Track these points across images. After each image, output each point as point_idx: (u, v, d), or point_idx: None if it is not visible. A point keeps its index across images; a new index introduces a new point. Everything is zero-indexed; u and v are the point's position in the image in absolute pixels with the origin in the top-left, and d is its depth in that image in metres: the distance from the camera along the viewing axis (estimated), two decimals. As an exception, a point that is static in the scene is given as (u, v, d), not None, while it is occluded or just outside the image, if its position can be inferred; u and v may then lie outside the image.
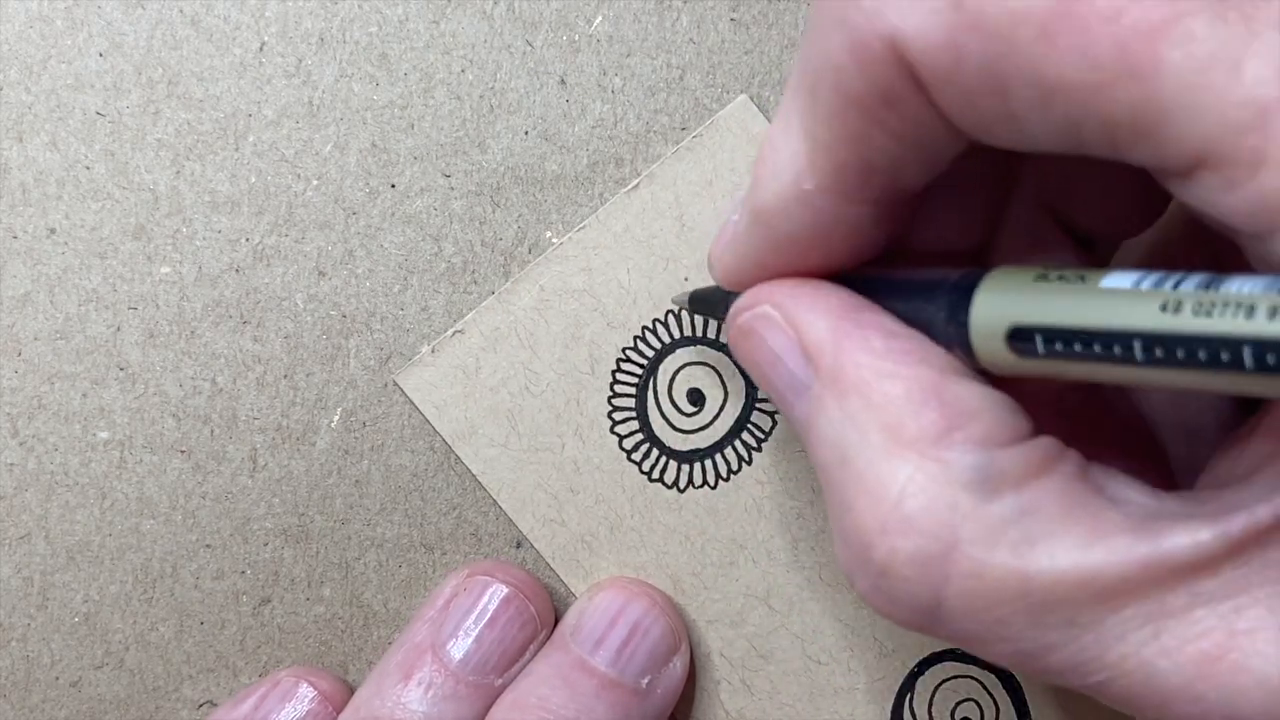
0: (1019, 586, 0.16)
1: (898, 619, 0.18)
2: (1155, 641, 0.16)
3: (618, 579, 0.26)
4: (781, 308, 0.20)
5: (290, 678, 0.26)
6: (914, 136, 0.17)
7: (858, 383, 0.18)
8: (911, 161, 0.18)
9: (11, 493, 0.26)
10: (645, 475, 0.27)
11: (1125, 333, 0.15)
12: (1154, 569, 0.16)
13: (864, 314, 0.19)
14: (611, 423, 0.27)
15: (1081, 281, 0.16)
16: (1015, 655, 0.17)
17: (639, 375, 0.27)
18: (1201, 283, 0.15)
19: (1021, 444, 0.17)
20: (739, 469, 0.27)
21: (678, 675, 0.26)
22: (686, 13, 0.27)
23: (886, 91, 0.16)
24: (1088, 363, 0.16)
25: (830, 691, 0.27)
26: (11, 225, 0.26)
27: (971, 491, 0.17)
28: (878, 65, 0.16)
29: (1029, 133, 0.16)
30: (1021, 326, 0.17)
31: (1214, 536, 0.16)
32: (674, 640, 0.26)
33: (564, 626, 0.26)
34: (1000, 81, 0.15)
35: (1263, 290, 0.14)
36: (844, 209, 0.18)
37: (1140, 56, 0.14)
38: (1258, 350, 0.14)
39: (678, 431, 0.27)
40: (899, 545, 0.17)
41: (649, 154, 0.27)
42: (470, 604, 0.25)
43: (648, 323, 0.26)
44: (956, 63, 0.15)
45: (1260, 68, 0.14)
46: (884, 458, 0.17)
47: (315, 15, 0.26)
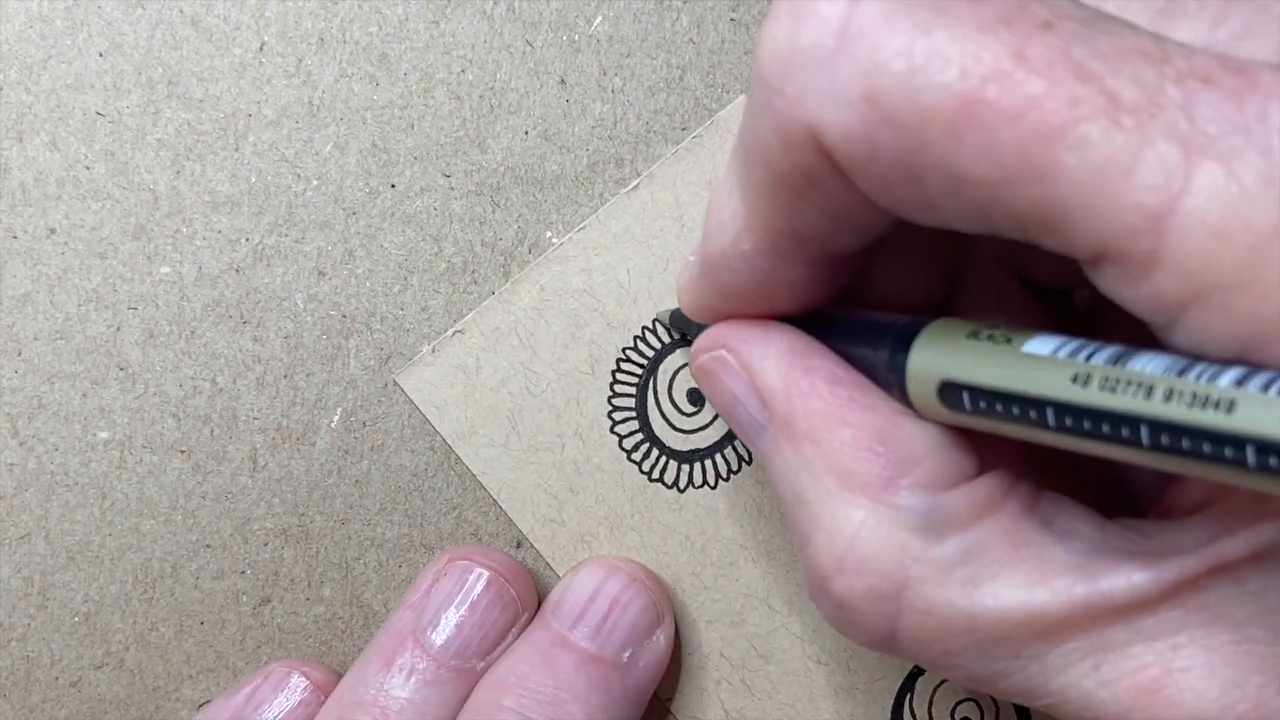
0: (966, 623, 0.18)
1: (858, 642, 0.20)
2: (1095, 674, 0.17)
3: (601, 557, 0.27)
4: (735, 353, 0.21)
5: (282, 669, 0.26)
6: (841, 212, 0.18)
7: (808, 430, 0.19)
8: (843, 232, 0.18)
9: (11, 493, 0.26)
10: (645, 475, 0.27)
11: (1039, 399, 0.16)
12: (1093, 609, 0.17)
13: (813, 359, 0.20)
14: (611, 423, 0.27)
15: (1008, 344, 0.17)
16: (969, 680, 0.18)
17: (639, 375, 0.27)
18: (1111, 357, 0.15)
19: (967, 485, 0.18)
20: (739, 469, 0.27)
21: (661, 649, 0.26)
22: (686, 13, 0.27)
23: (809, 173, 0.17)
24: (1009, 423, 0.17)
25: (830, 691, 0.27)
26: (11, 225, 0.26)
27: (919, 534, 0.18)
28: (799, 150, 0.17)
29: (945, 216, 0.16)
30: (950, 382, 0.17)
31: (1148, 580, 0.17)
32: (656, 614, 0.26)
33: (546, 605, 0.26)
34: (913, 171, 0.16)
35: (1162, 372, 0.15)
36: (781, 268, 0.19)
37: (1039, 158, 0.15)
38: (1152, 430, 0.15)
39: (678, 431, 0.27)
40: (854, 583, 0.18)
41: (649, 154, 0.27)
42: (450, 589, 0.26)
43: (648, 323, 0.26)
44: (871, 153, 0.16)
45: (1151, 174, 0.14)
46: (837, 501, 0.19)
47: (315, 15, 0.26)
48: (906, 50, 0.15)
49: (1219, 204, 0.14)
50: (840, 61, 0.16)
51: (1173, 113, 0.14)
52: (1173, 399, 0.14)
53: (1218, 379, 0.14)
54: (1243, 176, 0.14)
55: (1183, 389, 0.14)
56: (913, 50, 0.15)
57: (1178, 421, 0.14)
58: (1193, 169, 0.14)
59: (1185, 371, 0.14)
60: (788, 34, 0.16)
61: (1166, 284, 0.14)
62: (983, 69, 0.15)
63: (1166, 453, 0.15)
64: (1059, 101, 0.14)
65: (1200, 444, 0.14)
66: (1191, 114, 0.14)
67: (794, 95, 0.16)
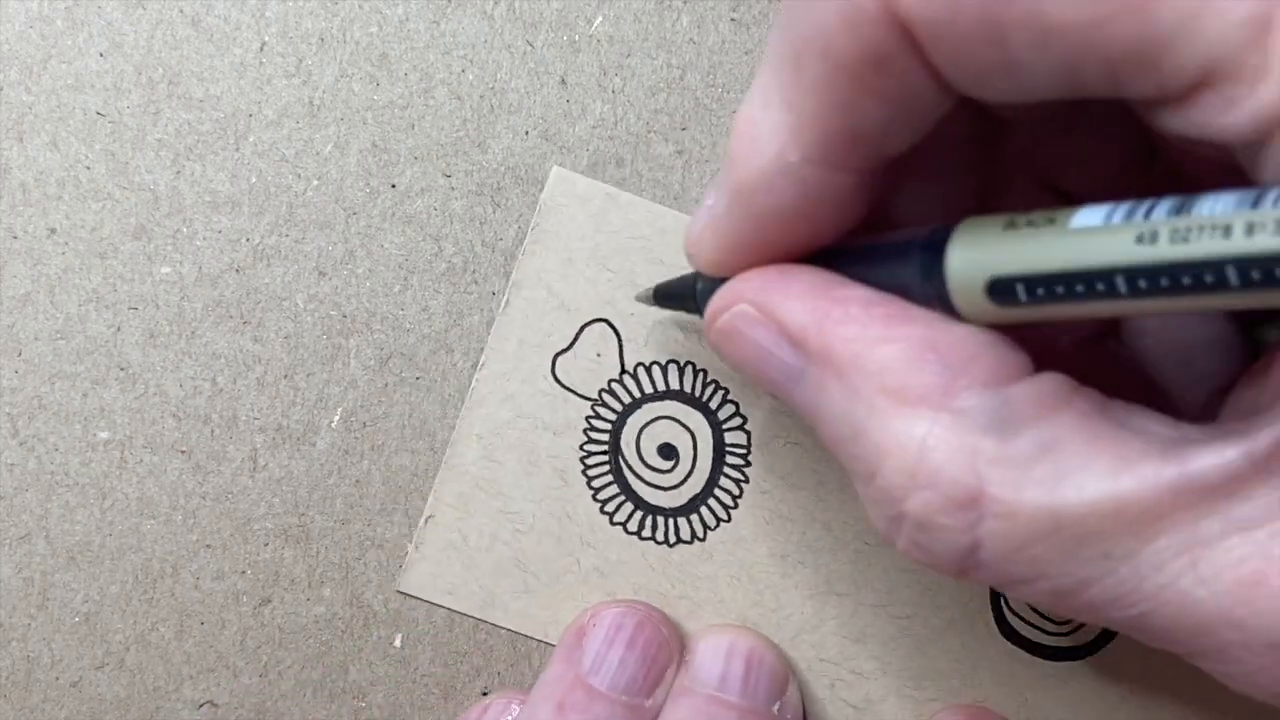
0: (1051, 521, 0.16)
1: (940, 568, 0.18)
2: (1192, 570, 0.16)
3: (711, 626, 0.26)
4: (756, 302, 0.20)
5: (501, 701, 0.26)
6: (903, 99, 0.17)
7: (851, 356, 0.18)
8: (899, 125, 0.17)
9: (12, 493, 0.26)
10: (665, 544, 0.27)
11: (1106, 269, 0.15)
12: (1184, 493, 0.16)
13: (839, 289, 0.19)
14: (608, 517, 0.27)
15: (1051, 224, 0.16)
16: (1054, 593, 0.17)
17: (607, 462, 0.27)
18: (1173, 208, 0.15)
19: (1030, 379, 0.17)
20: (740, 493, 0.27)
21: (797, 701, 0.26)
22: (686, 13, 0.27)
23: (879, 53, 0.16)
24: (1073, 303, 0.16)
25: (930, 636, 0.27)
26: (11, 225, 0.26)
27: (990, 434, 0.17)
28: (870, 27, 0.16)
29: (1027, 81, 0.16)
30: (1000, 278, 0.16)
31: (1240, 454, 0.15)
32: (785, 668, 0.26)
33: (679, 680, 0.25)
34: (998, 29, 0.15)
35: (1234, 208, 0.14)
36: (830, 178, 0.18)
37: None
38: (1240, 269, 0.14)
39: (666, 490, 0.27)
40: (929, 498, 0.17)
41: (649, 154, 0.27)
42: (605, 634, 0.25)
43: (588, 411, 0.26)
44: (953, 15, 0.15)
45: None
46: (897, 419, 0.17)
47: (315, 15, 0.26)
48: None
49: None
50: None
51: None
52: (1255, 231, 0.14)
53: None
54: None
55: (1263, 219, 0.14)
56: None
57: (1268, 252, 0.14)
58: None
59: (1259, 201, 0.14)
60: None
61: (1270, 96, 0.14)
62: None
63: (1261, 288, 0.14)
64: None
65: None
66: None
67: None
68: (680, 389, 0.27)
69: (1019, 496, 0.16)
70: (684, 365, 0.26)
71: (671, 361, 0.26)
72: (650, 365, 0.26)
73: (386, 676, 0.27)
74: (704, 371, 0.26)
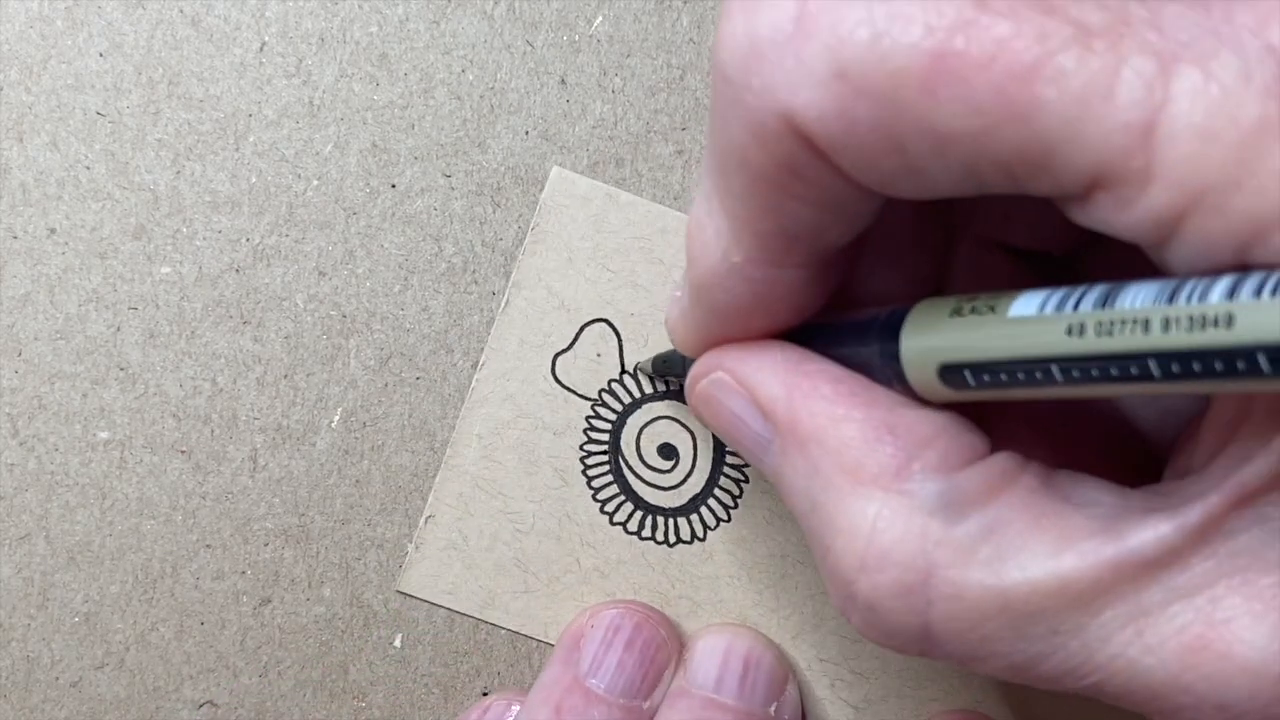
0: (998, 602, 0.17)
1: (893, 647, 0.19)
2: (1139, 640, 0.16)
3: (712, 625, 0.26)
4: (733, 371, 0.20)
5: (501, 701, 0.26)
6: (827, 200, 0.17)
7: (814, 431, 0.19)
8: (831, 223, 0.18)
9: (12, 493, 0.26)
10: (665, 544, 0.27)
11: (1041, 359, 0.16)
12: (1124, 568, 0.16)
13: (809, 364, 0.20)
14: (608, 517, 0.27)
15: (992, 312, 0.17)
16: (1008, 669, 0.18)
17: (607, 462, 0.27)
18: (1099, 299, 0.15)
19: (979, 463, 0.18)
20: (740, 492, 0.27)
21: (796, 700, 0.26)
22: (686, 13, 0.27)
23: (790, 164, 0.17)
24: (1017, 388, 0.16)
25: None
26: (11, 225, 0.26)
27: (938, 517, 0.17)
28: (776, 142, 0.16)
29: (931, 182, 0.16)
30: (948, 364, 0.17)
31: (1174, 528, 0.16)
32: (784, 668, 0.26)
33: (676, 681, 0.26)
34: (894, 140, 0.16)
35: (1153, 301, 0.15)
36: (776, 275, 0.19)
37: (1019, 98, 0.14)
38: (1160, 362, 0.14)
39: (666, 490, 0.27)
40: (878, 580, 0.18)
41: (649, 154, 0.27)
42: (603, 635, 0.25)
43: (588, 411, 0.26)
44: (850, 129, 0.16)
45: (1132, 91, 0.14)
46: (850, 498, 0.18)
47: (315, 15, 0.26)
48: (868, 17, 0.15)
49: (1202, 105, 0.14)
50: (803, 42, 0.16)
51: (1141, 29, 0.14)
52: (1171, 327, 0.14)
53: (1209, 295, 0.14)
54: (1220, 76, 0.14)
55: (1178, 315, 0.14)
56: (874, 16, 0.15)
57: (1182, 349, 0.14)
58: (1170, 77, 0.14)
59: (1175, 295, 0.14)
60: (745, 26, 0.16)
61: (1161, 198, 0.14)
62: (947, 21, 0.15)
63: (1181, 379, 0.14)
64: (1028, 38, 0.14)
65: (1211, 363, 0.14)
66: (1160, 26, 0.14)
67: (761, 86, 0.16)
68: (680, 389, 0.27)
69: (965, 577, 0.17)
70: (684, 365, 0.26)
71: (641, 366, 0.26)
72: None
73: (386, 676, 0.27)
74: None
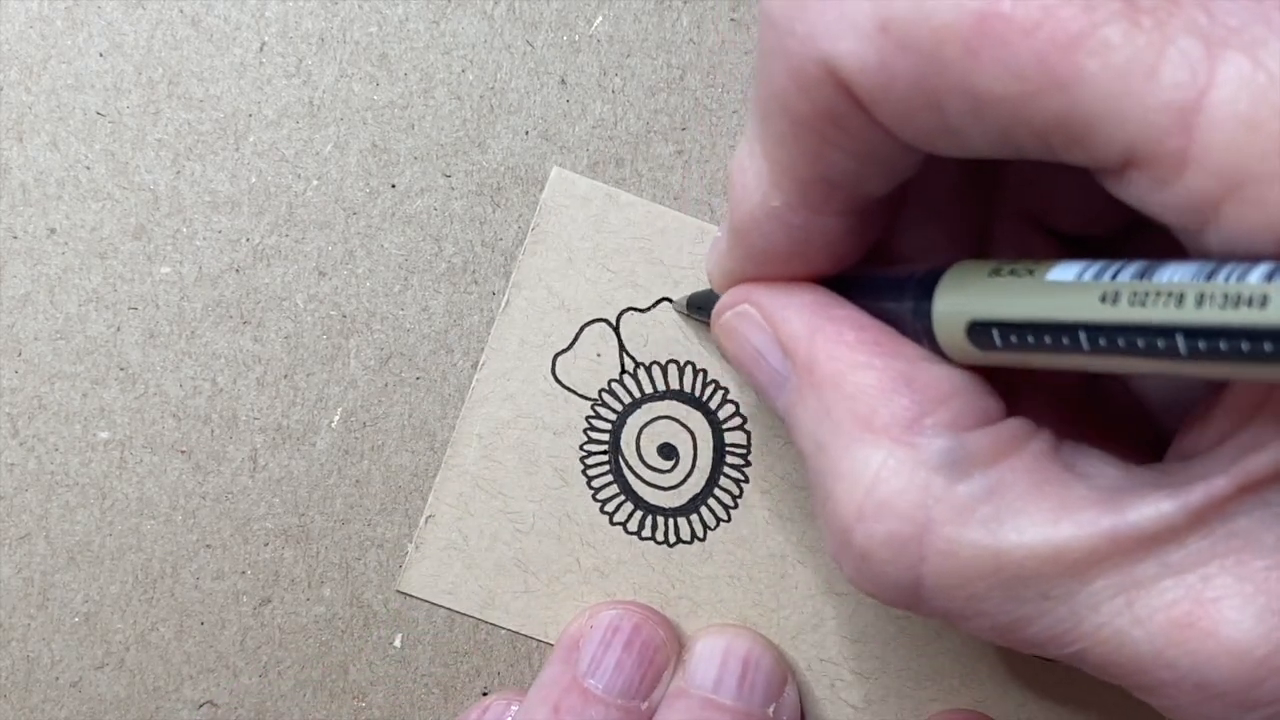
0: (992, 562, 0.17)
1: (882, 599, 0.19)
2: (1128, 611, 0.16)
3: (711, 625, 0.26)
4: (759, 306, 0.20)
5: (501, 701, 0.26)
6: (866, 151, 0.17)
7: (832, 374, 0.19)
8: (870, 173, 0.18)
9: (12, 493, 0.26)
10: (665, 544, 0.27)
11: (1070, 324, 0.16)
12: (1120, 540, 0.16)
13: (837, 309, 0.20)
14: (608, 517, 0.27)
15: (1030, 275, 0.17)
16: (994, 629, 0.18)
17: (607, 462, 0.27)
18: (1137, 272, 0.15)
19: (991, 426, 0.18)
20: (740, 492, 0.27)
21: (795, 701, 0.26)
22: (686, 13, 0.27)
23: (830, 112, 0.17)
24: (1043, 353, 0.16)
25: (929, 635, 0.26)
26: (11, 225, 0.26)
27: (942, 473, 0.17)
28: (817, 89, 0.16)
29: (968, 142, 0.16)
30: (978, 321, 0.17)
31: (1175, 507, 0.16)
32: (783, 669, 0.26)
33: (675, 682, 0.26)
34: (933, 97, 0.16)
35: (1191, 278, 0.14)
36: (814, 221, 0.19)
37: (1060, 67, 0.14)
38: (1188, 337, 0.14)
39: (666, 490, 0.27)
40: (875, 530, 0.18)
41: (649, 154, 0.27)
42: (602, 635, 0.25)
43: (588, 411, 0.26)
44: (889, 82, 0.16)
45: (1176, 71, 0.14)
46: (858, 445, 0.18)
47: (315, 15, 0.26)
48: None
49: (1247, 93, 0.14)
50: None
51: (1191, 9, 0.14)
52: (1205, 303, 0.14)
53: (1247, 276, 0.14)
54: (1268, 64, 0.14)
55: (1213, 291, 0.14)
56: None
57: (1213, 324, 0.14)
58: (1217, 61, 0.14)
59: (1214, 274, 0.14)
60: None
61: (1198, 182, 0.14)
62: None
63: (1206, 358, 0.14)
64: (1075, 8, 0.14)
65: (1238, 344, 0.14)
66: (1210, 9, 0.14)
67: (805, 33, 0.16)
68: (680, 389, 0.27)
69: (961, 536, 0.17)
70: (684, 365, 0.26)
71: (671, 361, 0.26)
72: (650, 365, 0.26)
73: (386, 676, 0.27)
74: (704, 371, 0.26)
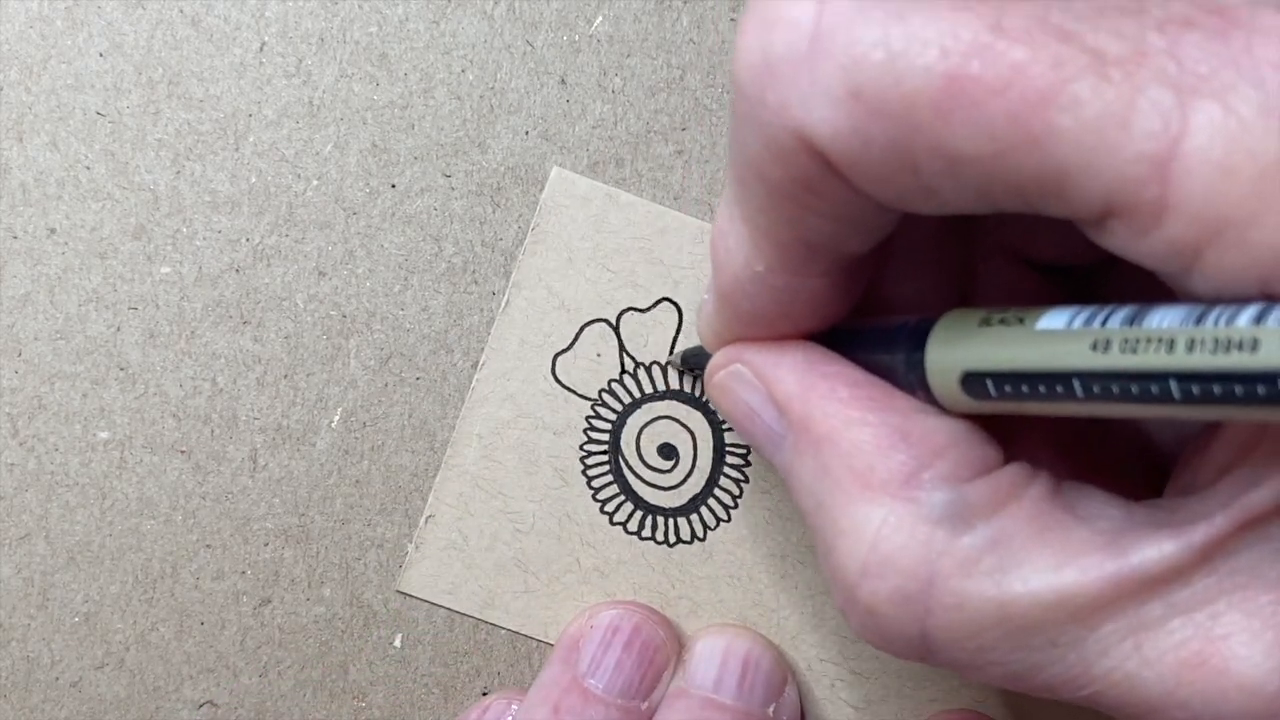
0: (998, 613, 0.17)
1: (890, 652, 0.19)
2: (1137, 654, 0.16)
3: (712, 625, 0.26)
4: (751, 365, 0.21)
5: (501, 701, 0.26)
6: (844, 214, 0.17)
7: (827, 432, 0.19)
8: (850, 234, 0.18)
9: (11, 493, 0.26)
10: (665, 544, 0.27)
11: (1063, 373, 0.16)
12: (1125, 584, 0.16)
13: (829, 366, 0.20)
14: (608, 517, 0.27)
15: (1020, 324, 0.17)
16: (1004, 678, 0.18)
17: (607, 462, 0.27)
18: (1126, 318, 0.15)
19: (989, 475, 0.18)
20: (740, 492, 0.27)
21: (795, 701, 0.26)
22: (686, 13, 0.27)
23: (806, 179, 0.17)
24: (1038, 401, 0.17)
25: None
26: (11, 225, 0.26)
27: (944, 527, 0.17)
28: (792, 157, 0.16)
29: (946, 201, 0.16)
30: (972, 372, 0.17)
31: (1178, 547, 0.16)
32: (783, 669, 0.26)
33: (675, 682, 0.26)
34: (908, 160, 0.16)
35: (1180, 323, 0.15)
36: (798, 283, 0.19)
37: (1032, 125, 0.14)
38: (1181, 382, 0.14)
39: (666, 490, 0.27)
40: (879, 586, 0.18)
41: (649, 154, 0.27)
42: (601, 636, 0.25)
43: (588, 411, 0.26)
44: (864, 148, 0.16)
45: (1148, 122, 0.14)
46: (858, 502, 0.18)
47: (315, 15, 0.26)
48: (883, 39, 0.15)
49: (1220, 139, 0.14)
50: (818, 61, 0.16)
51: (1159, 59, 0.14)
52: (1195, 348, 0.14)
53: (1236, 319, 0.14)
54: (1239, 109, 0.14)
55: (1203, 336, 0.14)
56: (889, 37, 0.15)
57: (1204, 370, 0.14)
58: (1189, 109, 0.14)
59: (1203, 318, 0.14)
60: (760, 43, 0.16)
61: (1178, 230, 0.14)
62: (962, 45, 0.15)
63: (1199, 403, 0.14)
64: (1044, 65, 0.14)
65: (1231, 388, 0.14)
66: (1178, 57, 0.14)
67: (777, 103, 0.16)
68: (680, 389, 0.27)
69: (966, 588, 0.17)
70: None
71: (671, 361, 0.26)
72: (650, 365, 0.26)
73: (386, 676, 0.27)
74: None
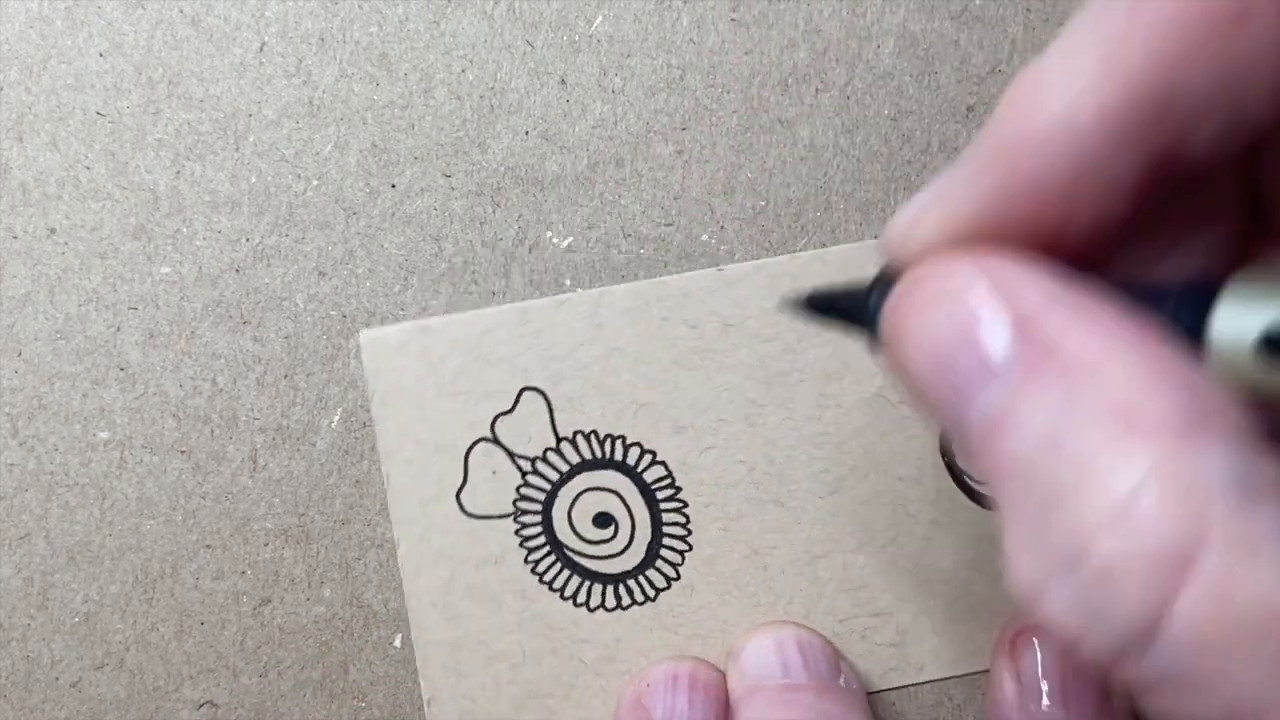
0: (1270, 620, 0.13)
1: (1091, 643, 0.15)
2: None
3: (744, 632, 0.27)
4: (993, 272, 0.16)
5: None
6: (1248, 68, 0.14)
7: (1084, 358, 0.15)
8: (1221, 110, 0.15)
9: (11, 493, 0.26)
10: (649, 602, 0.27)
11: None
12: None
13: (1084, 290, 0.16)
14: (584, 607, 0.27)
15: None
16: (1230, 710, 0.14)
17: (554, 559, 0.26)
18: None
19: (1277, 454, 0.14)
20: (687, 519, 0.27)
21: (850, 670, 0.26)
22: (686, 13, 0.27)
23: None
24: None
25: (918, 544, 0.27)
26: (11, 225, 0.26)
27: (1228, 496, 0.14)
28: None
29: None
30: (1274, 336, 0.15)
31: None
32: (832, 646, 0.26)
33: (736, 688, 0.26)
34: None
35: None
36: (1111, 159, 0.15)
37: None
38: None
39: (617, 557, 0.27)
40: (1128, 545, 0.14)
41: (649, 154, 0.27)
42: (664, 686, 0.25)
43: (513, 526, 0.26)
44: None
45: None
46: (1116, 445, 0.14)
47: (315, 15, 0.26)
48: None
49: None
50: None
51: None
52: None
53: None
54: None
55: None
56: None
57: None
58: None
59: None
60: None
61: None
62: None
63: None
64: None
65: None
66: None
67: None
68: (588, 459, 0.26)
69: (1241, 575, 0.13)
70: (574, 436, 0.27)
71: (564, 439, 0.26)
72: (544, 453, 0.26)
73: (386, 676, 0.27)
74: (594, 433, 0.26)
